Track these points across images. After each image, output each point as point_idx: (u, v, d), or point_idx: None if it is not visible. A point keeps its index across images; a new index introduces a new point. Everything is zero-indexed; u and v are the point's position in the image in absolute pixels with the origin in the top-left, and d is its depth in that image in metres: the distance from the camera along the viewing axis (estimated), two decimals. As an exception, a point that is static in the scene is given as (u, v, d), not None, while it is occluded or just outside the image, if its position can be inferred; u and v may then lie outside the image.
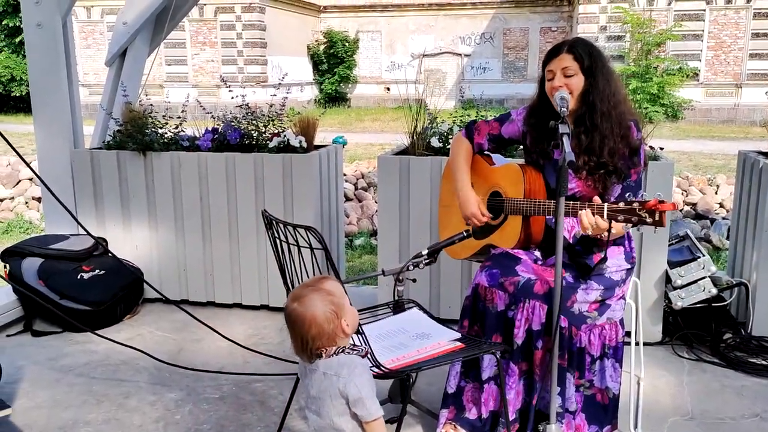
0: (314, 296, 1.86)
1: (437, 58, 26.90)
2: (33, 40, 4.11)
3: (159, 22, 4.76)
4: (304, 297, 1.87)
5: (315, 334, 1.85)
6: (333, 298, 1.87)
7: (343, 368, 1.84)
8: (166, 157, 3.95)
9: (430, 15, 26.78)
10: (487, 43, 26.51)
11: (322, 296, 1.86)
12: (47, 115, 4.17)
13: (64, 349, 3.51)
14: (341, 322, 1.86)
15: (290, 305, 1.88)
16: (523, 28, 26.18)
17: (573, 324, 2.48)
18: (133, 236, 4.11)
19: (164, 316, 3.95)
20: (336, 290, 1.90)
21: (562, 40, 2.69)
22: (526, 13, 25.95)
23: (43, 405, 2.95)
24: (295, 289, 1.97)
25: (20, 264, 3.83)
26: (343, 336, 1.89)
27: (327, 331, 1.85)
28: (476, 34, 26.56)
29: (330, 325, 1.85)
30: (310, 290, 1.88)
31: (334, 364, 1.85)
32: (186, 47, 23.19)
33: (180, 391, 3.07)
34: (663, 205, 2.17)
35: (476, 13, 26.41)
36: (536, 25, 25.85)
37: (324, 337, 1.86)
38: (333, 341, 1.87)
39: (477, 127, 2.86)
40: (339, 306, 1.87)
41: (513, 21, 26.24)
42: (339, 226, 4.32)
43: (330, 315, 1.85)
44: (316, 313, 1.84)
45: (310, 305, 1.85)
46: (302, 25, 25.79)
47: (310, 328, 1.84)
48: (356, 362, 1.87)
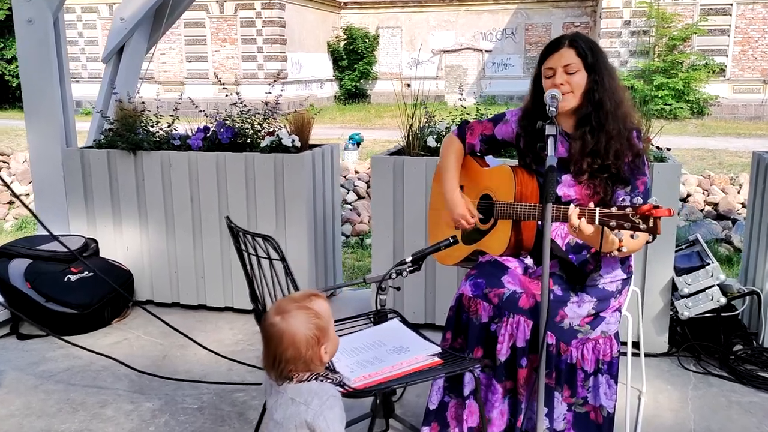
0: (300, 314, 1.70)
1: (458, 54, 26.66)
2: (24, 36, 4.03)
3: (158, 18, 4.67)
4: (289, 313, 1.70)
5: (290, 356, 1.69)
6: (319, 321, 1.71)
7: (314, 398, 1.68)
8: (157, 156, 3.86)
9: (451, 11, 26.56)
10: (509, 38, 26.22)
11: (308, 317, 1.70)
12: (39, 114, 4.10)
13: (47, 353, 3.43)
14: (321, 348, 1.71)
15: (272, 318, 1.72)
16: (545, 24, 25.85)
17: (561, 340, 2.32)
18: (124, 237, 4.02)
19: (153, 320, 3.83)
20: (324, 312, 1.74)
21: (586, 33, 2.51)
22: (549, 8, 25.61)
23: (17, 413, 2.87)
24: (280, 300, 1.81)
25: (7, 265, 3.75)
26: (320, 364, 1.74)
27: (304, 355, 1.69)
28: (497, 29, 26.28)
29: (309, 350, 1.69)
30: (297, 307, 1.72)
31: (305, 392, 1.70)
32: (207, 44, 23.23)
33: (158, 400, 2.96)
34: (658, 211, 1.99)
35: (498, 8, 26.14)
36: (559, 20, 25.49)
37: (299, 361, 1.70)
38: (308, 367, 1.72)
39: (470, 127, 2.71)
40: (323, 331, 1.71)
41: (535, 16, 25.93)
42: (335, 227, 4.19)
43: (311, 339, 1.69)
44: (297, 335, 1.68)
45: (292, 323, 1.69)
46: (322, 22, 25.71)
47: (286, 349, 1.69)
48: (329, 393, 1.71)
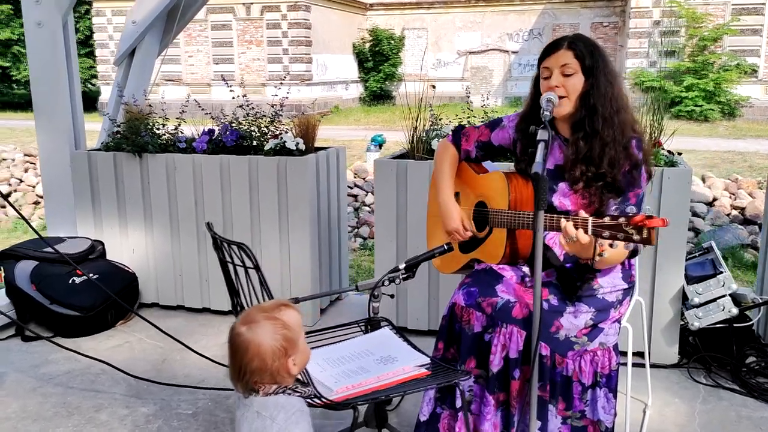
0: (267, 325, 1.66)
1: (484, 55, 26.47)
2: (33, 39, 4.05)
3: (170, 20, 4.67)
4: (256, 323, 1.66)
5: (256, 367, 1.64)
6: (287, 332, 1.66)
7: (280, 412, 1.63)
8: (162, 159, 3.85)
9: (477, 11, 26.38)
10: (536, 39, 25.95)
11: (276, 327, 1.66)
12: (48, 116, 4.12)
13: (50, 355, 3.44)
14: (288, 360, 1.66)
15: (238, 327, 1.68)
16: (573, 24, 25.52)
17: (557, 351, 2.24)
18: (130, 240, 4.03)
19: (158, 323, 3.79)
20: (293, 323, 1.69)
21: (614, 34, 2.43)
22: (577, 8, 25.29)
23: (12, 416, 2.87)
24: (249, 310, 1.77)
25: (14, 267, 3.78)
26: (288, 376, 1.69)
27: (270, 367, 1.65)
28: (524, 30, 26.04)
29: (275, 362, 1.65)
30: (264, 317, 1.67)
31: (271, 405, 1.65)
32: (233, 46, 23.39)
33: (153, 405, 2.95)
34: (651, 221, 1.89)
35: (525, 8, 25.89)
36: (587, 20, 25.15)
37: (265, 372, 1.65)
38: (274, 379, 1.67)
39: (465, 132, 2.64)
40: (291, 342, 1.67)
41: (563, 17, 25.62)
42: (342, 230, 4.14)
43: (278, 351, 1.64)
44: (263, 345, 1.63)
45: (259, 333, 1.64)
46: (348, 23, 25.73)
47: (252, 360, 1.64)
48: (295, 407, 1.66)
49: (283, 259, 3.75)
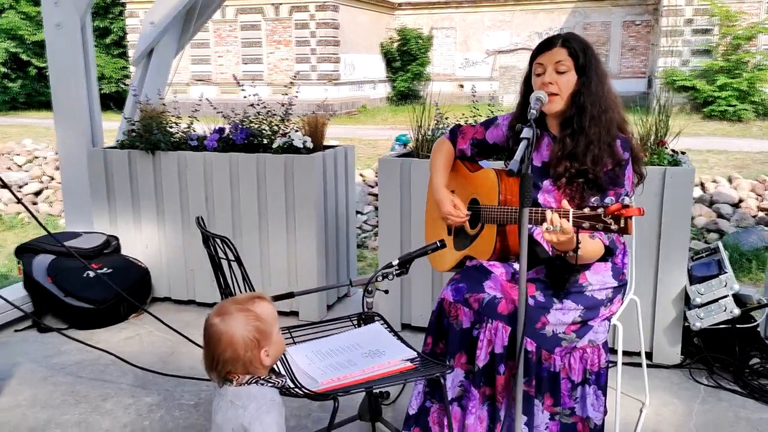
0: (239, 316, 1.71)
1: (512, 54, 26.32)
2: (52, 40, 4.18)
3: (187, 20, 4.77)
4: (228, 315, 1.72)
5: (228, 357, 1.70)
6: (259, 324, 1.72)
7: (252, 402, 1.69)
8: (174, 156, 3.94)
9: (507, 10, 26.24)
10: (566, 38, 25.70)
11: (248, 319, 1.71)
12: (66, 115, 4.24)
13: (63, 346, 3.55)
14: (260, 352, 1.71)
15: (211, 318, 1.75)
16: (604, 22, 25.26)
17: (543, 347, 2.26)
18: (143, 235, 4.13)
19: (168, 316, 3.91)
20: (266, 315, 1.74)
21: (646, 32, 2.45)
22: (608, 6, 25.00)
23: (23, 403, 2.98)
24: (223, 301, 1.83)
25: (32, 260, 3.91)
26: (261, 367, 1.74)
27: (242, 357, 1.70)
28: (554, 29, 25.77)
29: (247, 352, 1.70)
30: (237, 309, 1.73)
31: (243, 395, 1.71)
32: (262, 46, 23.63)
33: (157, 396, 3.03)
34: (627, 211, 1.91)
35: (554, 7, 25.68)
36: (618, 18, 24.87)
37: (238, 363, 1.71)
38: (247, 369, 1.73)
39: (462, 131, 2.68)
40: (264, 334, 1.72)
41: (593, 15, 25.36)
42: (349, 227, 4.20)
43: (250, 342, 1.70)
44: (235, 336, 1.69)
45: (231, 324, 1.70)
46: (376, 23, 25.80)
47: (224, 350, 1.70)
48: (267, 397, 1.71)
49: (290, 255, 3.81)
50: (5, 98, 25.17)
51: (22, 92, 25.17)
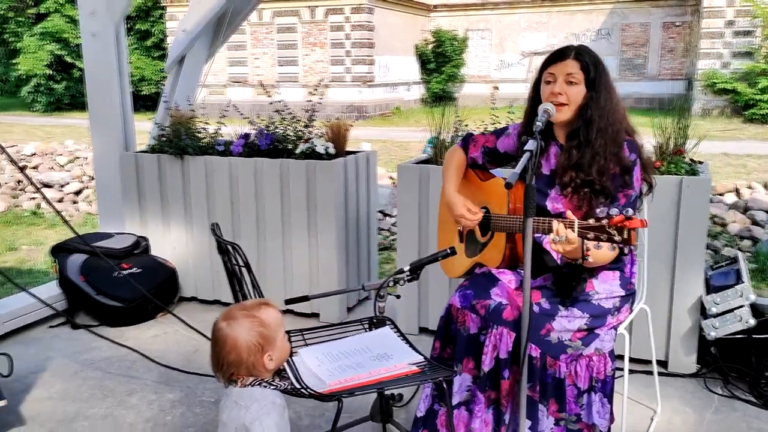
0: (244, 322, 1.81)
1: (549, 56, 26.10)
2: (89, 48, 4.35)
3: (218, 28, 4.91)
4: (234, 319, 1.82)
5: (232, 360, 1.80)
6: (263, 329, 1.81)
7: (254, 403, 1.78)
8: (201, 161, 4.08)
9: (543, 12, 26.05)
10: (603, 39, 25.44)
11: (253, 324, 1.81)
12: (101, 120, 4.41)
13: (93, 342, 3.70)
14: (264, 356, 1.81)
15: (219, 322, 1.85)
16: (643, 24, 24.91)
17: (548, 353, 2.30)
18: (172, 236, 4.27)
19: (195, 316, 4.06)
20: (271, 321, 1.84)
21: (686, 34, 2.49)
22: (647, 7, 24.63)
23: (54, 396, 3.13)
24: (231, 307, 1.93)
25: (67, 259, 4.08)
26: (264, 371, 1.84)
27: (245, 361, 1.80)
28: (592, 30, 25.55)
29: (250, 357, 1.80)
30: (244, 314, 1.83)
31: (246, 396, 1.80)
32: (297, 48, 23.89)
33: (180, 392, 3.15)
34: (631, 222, 1.95)
35: (592, 8, 25.40)
36: (658, 19, 24.49)
37: (241, 366, 1.80)
38: (250, 372, 1.82)
39: (474, 139, 2.73)
40: (267, 339, 1.81)
41: (632, 16, 25.02)
42: (371, 232, 4.27)
43: (253, 346, 1.79)
44: (239, 340, 1.79)
45: (236, 329, 1.80)
46: (411, 25, 25.86)
47: (229, 353, 1.80)
48: (269, 399, 1.80)
49: (311, 259, 3.91)
50: (50, 99, 25.91)
51: (66, 93, 25.87)
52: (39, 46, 25.36)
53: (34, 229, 8.49)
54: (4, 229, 8.57)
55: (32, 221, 8.83)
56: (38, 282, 5.88)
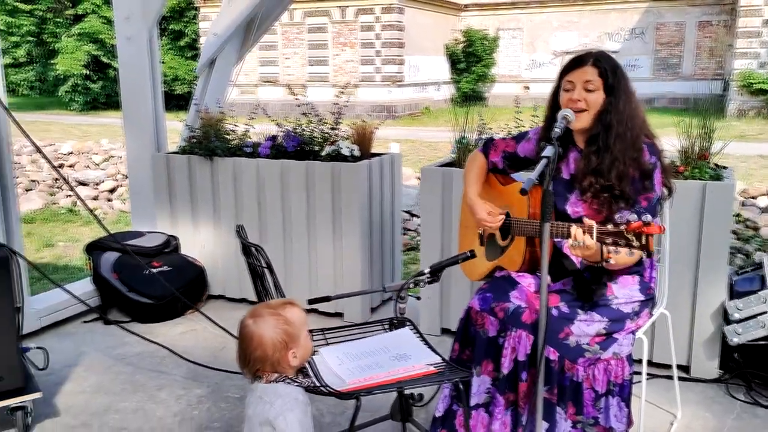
0: (270, 320, 1.88)
1: (581, 55, 25.86)
2: (123, 51, 4.48)
3: (247, 31, 5.01)
4: (261, 317, 1.90)
5: (258, 356, 1.88)
6: (288, 327, 1.88)
7: (278, 399, 1.85)
8: (229, 162, 4.17)
9: (575, 11, 25.83)
10: (638, 38, 25.14)
11: (278, 322, 1.88)
12: (134, 122, 4.54)
13: (126, 338, 3.82)
14: (288, 353, 1.88)
15: (246, 319, 1.93)
16: (678, 23, 24.56)
17: (566, 357, 2.33)
18: (201, 236, 4.38)
19: (223, 314, 4.16)
20: (296, 320, 1.91)
21: (723, 33, 2.51)
22: (683, 5, 24.27)
23: (87, 390, 3.24)
24: (257, 305, 2.01)
25: (100, 257, 4.21)
26: (288, 367, 1.90)
27: (270, 357, 1.87)
28: (625, 29, 25.27)
29: (276, 353, 1.87)
30: (269, 312, 1.91)
31: (270, 392, 1.87)
32: (327, 48, 24.06)
33: (207, 388, 3.25)
34: (648, 228, 1.97)
35: (627, 7, 25.11)
36: (693, 18, 24.13)
37: (266, 362, 1.88)
38: (275, 369, 1.89)
39: (494, 144, 2.77)
40: (291, 337, 1.88)
41: (667, 14, 24.68)
42: (395, 233, 4.33)
43: (278, 343, 1.86)
44: (264, 337, 1.86)
45: (262, 326, 1.87)
46: (441, 25, 25.85)
47: (255, 349, 1.87)
48: (292, 396, 1.87)
49: (336, 260, 3.98)
50: (87, 98, 26.47)
51: (102, 93, 26.40)
52: (76, 46, 25.92)
53: (70, 226, 8.71)
54: (41, 225, 8.81)
55: (68, 218, 9.06)
56: (73, 278, 6.05)
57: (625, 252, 2.11)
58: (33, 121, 21.79)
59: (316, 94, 22.59)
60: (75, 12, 27.67)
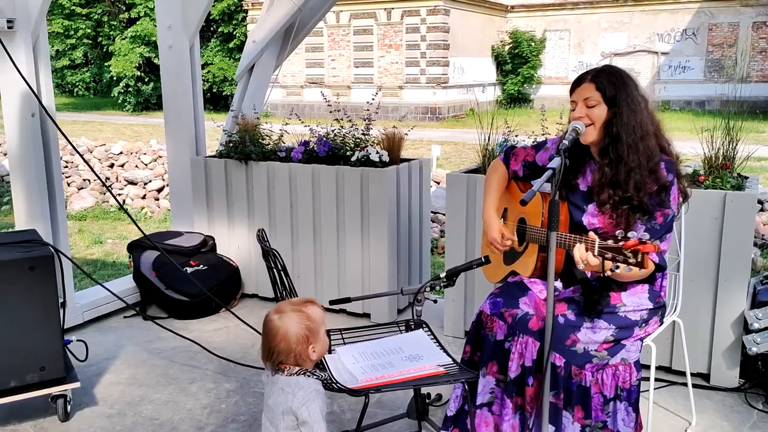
0: (293, 315, 2.04)
1: (630, 57, 25.45)
2: (166, 60, 4.69)
3: (285, 39, 5.17)
4: (285, 313, 2.05)
5: (282, 349, 2.02)
6: (310, 323, 2.03)
7: (300, 390, 1.99)
8: (263, 166, 4.33)
9: (625, 11, 25.42)
10: (689, 39, 24.61)
11: (301, 318, 2.03)
12: (175, 126, 4.75)
13: (162, 333, 4.01)
14: (309, 347, 2.02)
15: (270, 315, 2.08)
16: (731, 23, 23.95)
17: (573, 363, 2.40)
18: (236, 236, 4.56)
19: (255, 312, 4.32)
20: (316, 317, 2.06)
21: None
22: (737, 6, 23.67)
23: (123, 381, 3.44)
24: (281, 302, 2.15)
25: (141, 256, 4.42)
26: (308, 361, 2.05)
27: (294, 350, 2.02)
28: (676, 30, 24.76)
29: (298, 346, 2.01)
30: (293, 309, 2.06)
31: (293, 384, 2.01)
32: (373, 50, 24.25)
33: (236, 383, 3.41)
34: (644, 247, 2.03)
35: (678, 7, 24.60)
36: (748, 19, 23.51)
37: (290, 354, 2.02)
38: (296, 362, 2.04)
39: (515, 153, 2.84)
40: (312, 332, 2.03)
41: (720, 15, 24.09)
42: (423, 237, 4.43)
43: (301, 337, 2.01)
44: (289, 331, 2.01)
45: (286, 321, 2.03)
46: (487, 26, 25.77)
47: (279, 342, 2.02)
48: (312, 387, 2.01)
49: (363, 262, 4.10)
50: (138, 99, 27.27)
51: (154, 94, 27.14)
52: (130, 48, 26.74)
53: (119, 224, 9.07)
54: (92, 223, 9.20)
55: (117, 216, 9.42)
56: (120, 274, 6.34)
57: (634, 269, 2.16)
58: (88, 121, 22.61)
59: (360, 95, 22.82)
60: (129, 15, 28.56)
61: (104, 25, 29.55)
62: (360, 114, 4.38)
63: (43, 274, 2.85)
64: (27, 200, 3.72)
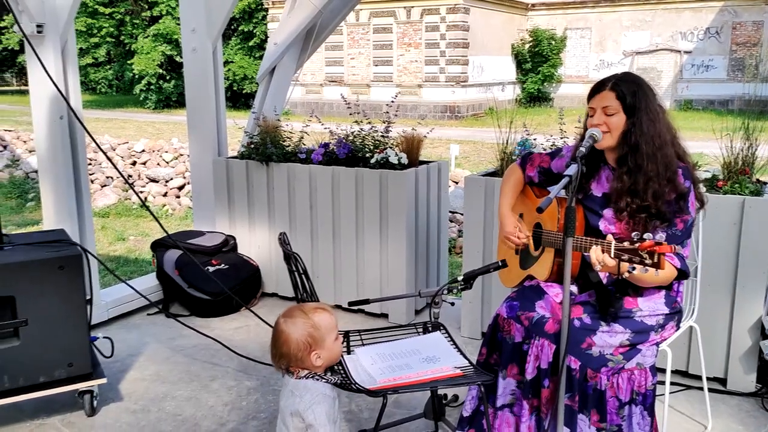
0: (299, 321, 2.07)
1: (652, 55, 25.27)
2: (189, 62, 4.77)
3: (306, 41, 5.23)
4: (292, 318, 2.09)
5: (284, 353, 2.07)
6: (313, 331, 2.05)
7: (307, 393, 2.04)
8: (284, 168, 4.40)
9: (647, 10, 25.22)
10: (712, 38, 24.37)
11: (306, 326, 2.06)
12: (198, 128, 4.83)
13: (184, 330, 4.09)
14: (311, 354, 2.05)
15: (280, 318, 2.13)
16: (756, 22, 23.68)
17: (589, 366, 2.43)
18: (257, 236, 4.63)
19: (275, 310, 4.37)
20: (322, 324, 2.08)
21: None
22: (761, 4, 23.38)
23: (147, 377, 3.52)
24: (292, 306, 2.20)
25: (164, 254, 4.51)
26: (312, 367, 2.08)
27: (294, 356, 2.05)
28: (699, 28, 24.53)
29: (299, 353, 2.05)
30: (301, 315, 2.09)
31: (301, 387, 2.06)
32: (392, 48, 24.29)
33: (256, 381, 3.48)
34: (660, 248, 2.06)
35: (701, 6, 24.36)
36: (772, 17, 23.22)
37: (291, 359, 2.07)
38: (301, 367, 2.08)
39: (531, 158, 2.88)
40: (315, 340, 2.05)
41: (744, 14, 23.83)
42: (441, 239, 4.47)
43: (302, 344, 2.04)
44: (290, 337, 2.05)
45: (290, 327, 2.06)
46: (507, 24, 25.69)
47: (282, 346, 2.07)
48: (319, 391, 2.05)
49: (382, 263, 4.15)
50: (160, 97, 27.56)
51: (175, 92, 27.43)
52: (152, 47, 27.02)
53: (141, 221, 9.21)
54: (115, 220, 9.35)
55: (140, 213, 9.56)
56: (142, 270, 6.46)
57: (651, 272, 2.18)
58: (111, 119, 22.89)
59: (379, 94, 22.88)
60: (151, 14, 28.86)
61: (127, 23, 29.88)
62: (379, 112, 4.42)
63: (71, 272, 2.93)
64: (55, 200, 3.82)
